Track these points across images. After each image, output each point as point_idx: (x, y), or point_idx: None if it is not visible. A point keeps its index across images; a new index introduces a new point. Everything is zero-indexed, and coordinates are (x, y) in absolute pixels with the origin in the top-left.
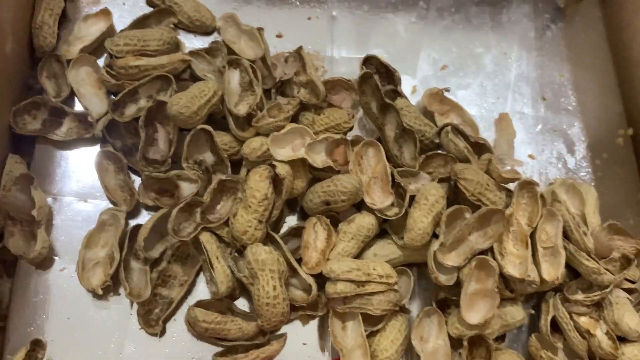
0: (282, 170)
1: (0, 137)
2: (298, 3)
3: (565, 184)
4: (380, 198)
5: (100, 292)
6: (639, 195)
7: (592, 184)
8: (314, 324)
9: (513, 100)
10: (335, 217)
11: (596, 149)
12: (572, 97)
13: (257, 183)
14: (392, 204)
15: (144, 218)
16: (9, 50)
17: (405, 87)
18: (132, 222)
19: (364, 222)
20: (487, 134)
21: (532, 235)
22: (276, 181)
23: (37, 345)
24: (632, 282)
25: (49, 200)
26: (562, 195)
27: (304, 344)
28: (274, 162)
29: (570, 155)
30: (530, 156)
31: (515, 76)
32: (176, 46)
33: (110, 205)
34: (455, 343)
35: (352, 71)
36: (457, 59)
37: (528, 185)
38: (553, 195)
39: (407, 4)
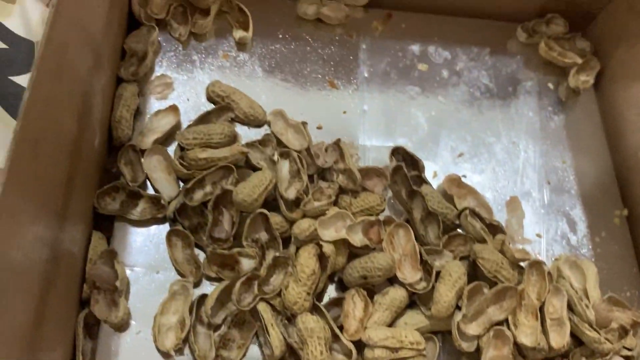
0: (328, 249)
1: (86, 216)
2: (335, 100)
3: (569, 261)
4: (410, 274)
5: (172, 353)
6: (635, 269)
7: (593, 259)
8: None
9: (521, 184)
10: (371, 290)
11: (595, 228)
12: (573, 181)
13: (307, 260)
14: (421, 279)
15: (207, 287)
16: (97, 145)
17: (427, 172)
18: (197, 291)
19: (397, 295)
20: (500, 214)
21: (541, 308)
22: (322, 258)
23: None
24: (629, 350)
25: (127, 271)
26: (566, 271)
27: None
28: (321, 242)
29: (573, 234)
30: (538, 235)
31: (523, 162)
32: (234, 137)
33: (178, 276)
34: None
35: (381, 157)
36: (472, 147)
37: (537, 265)
38: (558, 271)
39: (427, 99)
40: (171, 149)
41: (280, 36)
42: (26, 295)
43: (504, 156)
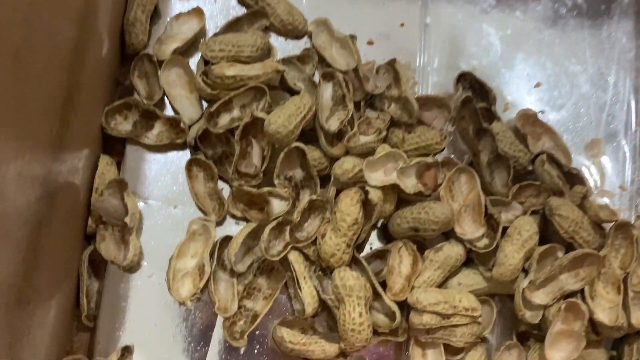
0: (375, 195)
1: (93, 138)
2: (391, 9)
3: None
4: (471, 228)
5: (189, 305)
6: None
7: None
8: (391, 345)
9: (607, 124)
10: (421, 243)
11: None
12: None
13: (349, 207)
14: (483, 235)
15: (230, 227)
16: (105, 53)
17: (498, 104)
18: (219, 231)
19: (453, 252)
20: (577, 159)
21: (624, 279)
22: (367, 205)
23: (126, 352)
24: None
25: (140, 204)
26: None
27: None
28: (366, 187)
29: None
30: (621, 187)
31: (611, 99)
32: (268, 51)
33: (199, 213)
34: None
35: (443, 83)
36: (551, 77)
37: (624, 227)
38: None
39: (503, 15)
40: (194, 61)
41: None
42: (9, 245)
43: (588, 89)
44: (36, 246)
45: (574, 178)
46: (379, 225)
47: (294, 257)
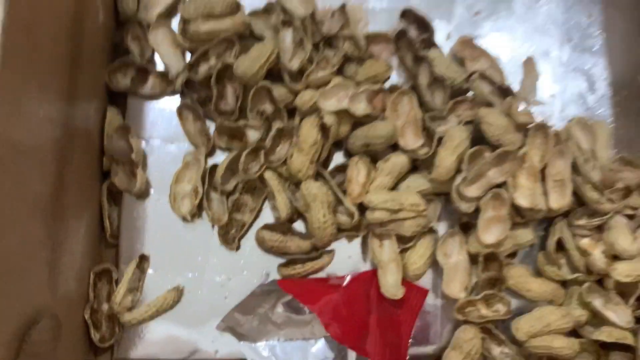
0: (329, 120)
1: (100, 92)
2: None
3: (580, 122)
4: (412, 140)
5: (189, 218)
6: None
7: (611, 119)
8: (357, 241)
9: (540, 42)
10: (374, 156)
11: (617, 87)
12: (598, 38)
13: (309, 130)
14: (423, 144)
15: (219, 157)
16: (101, 20)
17: (441, 33)
18: (210, 161)
19: (398, 161)
20: (516, 75)
21: (544, 170)
22: (324, 128)
23: (143, 259)
24: (634, 209)
25: (143, 143)
26: (577, 132)
27: (349, 257)
28: (323, 114)
29: (591, 93)
30: (552, 96)
31: (544, 19)
32: (237, 6)
33: (191, 147)
34: (473, 259)
35: (392, 20)
36: (490, 4)
37: (542, 128)
38: (568, 133)
39: None
40: (176, 22)
41: None
42: (39, 171)
43: (524, 12)
44: (63, 176)
45: (506, 92)
46: (343, 147)
47: (269, 175)
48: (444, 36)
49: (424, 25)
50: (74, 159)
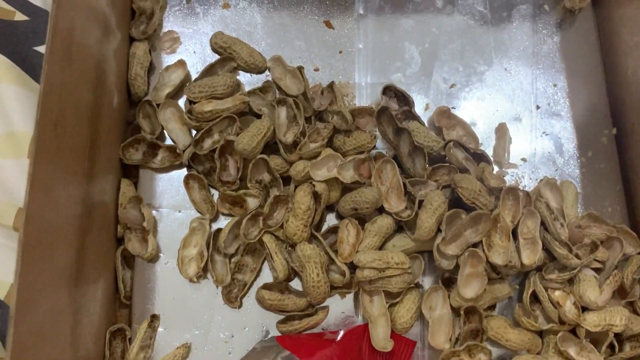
0: (320, 187)
1: (115, 166)
2: (331, 40)
3: (549, 183)
4: (396, 204)
5: (195, 280)
6: (618, 186)
7: (578, 179)
8: (349, 297)
9: (511, 110)
10: (362, 218)
11: (583, 148)
12: (564, 104)
13: (302, 198)
14: (406, 208)
15: (222, 222)
16: (116, 103)
17: (420, 104)
18: (214, 225)
19: (384, 223)
20: (489, 141)
21: (515, 230)
22: (316, 195)
23: (154, 318)
24: (600, 262)
25: (153, 212)
26: (545, 192)
27: (342, 312)
28: (314, 182)
29: (559, 155)
30: (523, 159)
31: (514, 88)
32: (237, 86)
33: (197, 214)
34: (456, 311)
35: (376, 94)
36: (463, 77)
37: (512, 190)
38: (538, 192)
39: (421, 32)
40: (183, 101)
41: None
42: (65, 245)
43: (495, 83)
44: (83, 246)
45: (480, 157)
46: (335, 209)
47: (267, 239)
48: (423, 107)
49: (404, 98)
50: (93, 229)
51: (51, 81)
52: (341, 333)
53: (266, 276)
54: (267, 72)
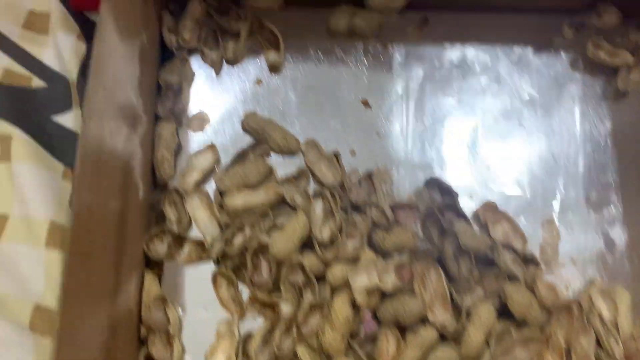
0: (360, 297)
1: (139, 261)
2: (369, 120)
3: (602, 292)
4: (440, 313)
5: None
6: None
7: (630, 280)
8: None
9: (560, 202)
10: (404, 327)
11: (635, 246)
12: (615, 196)
13: (341, 307)
14: (451, 317)
15: (252, 323)
16: (142, 194)
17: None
18: (241, 324)
19: (427, 335)
20: (536, 236)
21: (568, 351)
22: (355, 304)
23: None
24: None
25: (178, 309)
26: (598, 301)
27: None
28: (354, 290)
29: (610, 254)
30: (572, 259)
31: (564, 179)
32: (270, 172)
33: (226, 313)
34: None
35: (417, 180)
36: (509, 165)
37: (565, 307)
38: (589, 301)
39: (465, 112)
40: (212, 186)
41: (312, 54)
42: None
43: (542, 173)
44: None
45: (529, 260)
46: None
47: (302, 351)
48: (467, 195)
49: (449, 192)
50: (119, 340)
51: (81, 211)
52: None
53: None
54: (300, 155)
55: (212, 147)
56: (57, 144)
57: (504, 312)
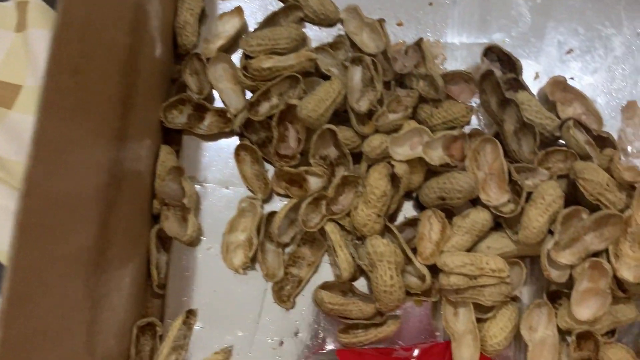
0: (400, 169)
1: (153, 130)
2: None
3: None
4: (496, 195)
5: (241, 272)
6: None
7: None
8: (427, 306)
9: None
10: (450, 210)
11: None
12: None
13: (377, 181)
14: (508, 201)
15: (276, 204)
16: (159, 54)
17: (528, 72)
18: (267, 207)
19: (479, 218)
20: (613, 122)
21: None
22: (394, 178)
23: (191, 314)
24: None
25: (197, 187)
26: None
27: (419, 324)
28: (393, 162)
29: None
30: None
31: None
32: (303, 41)
33: (248, 192)
34: (563, 335)
35: (473, 57)
36: (584, 42)
37: None
38: None
39: None
40: (238, 56)
41: None
42: (83, 223)
43: (624, 52)
44: (108, 225)
45: (605, 142)
46: (414, 195)
47: (330, 228)
48: (532, 75)
49: (510, 64)
50: (122, 204)
51: (70, 14)
52: (416, 351)
53: (325, 273)
54: (339, 26)
55: (239, 9)
56: None
57: (571, 202)
